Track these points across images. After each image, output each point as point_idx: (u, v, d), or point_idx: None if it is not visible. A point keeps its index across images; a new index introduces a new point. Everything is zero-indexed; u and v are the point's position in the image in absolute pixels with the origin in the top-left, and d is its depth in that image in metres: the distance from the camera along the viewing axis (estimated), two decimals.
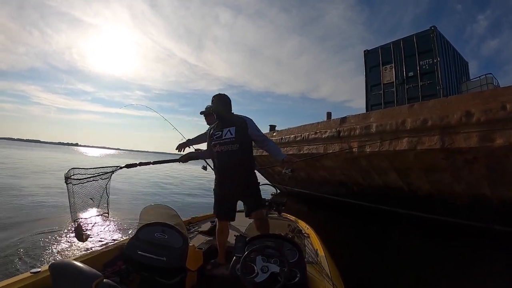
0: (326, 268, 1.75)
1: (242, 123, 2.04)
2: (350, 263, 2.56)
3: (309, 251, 1.96)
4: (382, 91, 8.58)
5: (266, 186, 3.94)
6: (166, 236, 1.63)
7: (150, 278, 1.50)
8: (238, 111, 2.24)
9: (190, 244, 1.65)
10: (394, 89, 8.26)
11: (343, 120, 5.71)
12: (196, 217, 3.22)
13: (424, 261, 3.59)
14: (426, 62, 7.59)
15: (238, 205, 2.13)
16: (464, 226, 4.41)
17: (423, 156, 4.32)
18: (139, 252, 1.53)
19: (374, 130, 4.90)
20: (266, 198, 2.57)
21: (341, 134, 5.57)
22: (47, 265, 1.19)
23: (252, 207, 2.03)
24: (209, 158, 2.53)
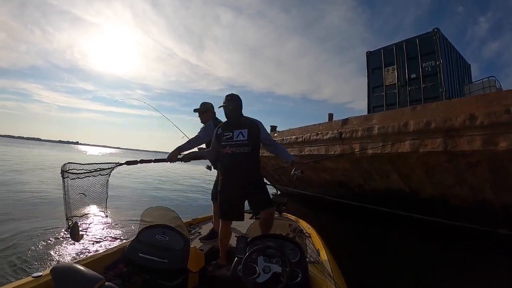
0: (328, 267, 1.74)
1: (254, 127, 2.09)
2: (351, 265, 2.55)
3: (310, 251, 1.96)
4: (384, 93, 8.56)
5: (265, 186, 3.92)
6: (167, 238, 1.62)
7: (152, 280, 1.50)
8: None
9: (191, 245, 1.64)
10: (396, 91, 8.24)
11: (345, 121, 5.68)
12: (196, 218, 3.21)
13: (425, 263, 3.57)
14: (428, 64, 7.57)
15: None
16: (466, 229, 4.39)
17: (426, 158, 4.29)
18: (141, 254, 1.53)
19: (376, 132, 4.88)
20: None
21: (342, 135, 5.54)
22: (49, 269, 1.18)
23: (262, 206, 2.03)
24: (212, 159, 2.44)
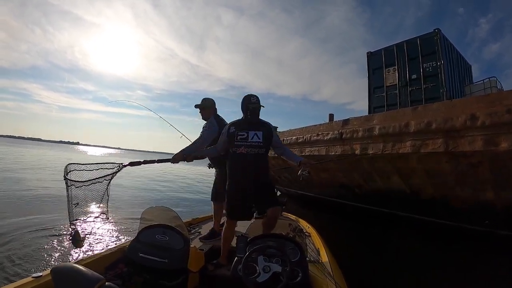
0: (328, 267, 1.75)
1: (268, 130, 2.17)
2: (351, 265, 2.55)
3: (310, 250, 1.96)
4: (385, 94, 8.54)
5: None
6: (167, 237, 1.62)
7: (152, 280, 1.50)
8: (239, 112, 2.21)
9: (191, 245, 1.64)
10: (397, 91, 8.22)
11: (346, 122, 5.66)
12: (196, 218, 3.20)
13: (425, 263, 3.58)
14: (429, 64, 7.55)
15: None
16: (467, 230, 4.37)
17: (427, 159, 4.28)
18: (141, 254, 1.53)
19: (377, 132, 4.86)
20: None
21: (343, 136, 5.52)
22: (49, 269, 1.18)
23: (269, 204, 2.04)
24: (216, 155, 2.41)
